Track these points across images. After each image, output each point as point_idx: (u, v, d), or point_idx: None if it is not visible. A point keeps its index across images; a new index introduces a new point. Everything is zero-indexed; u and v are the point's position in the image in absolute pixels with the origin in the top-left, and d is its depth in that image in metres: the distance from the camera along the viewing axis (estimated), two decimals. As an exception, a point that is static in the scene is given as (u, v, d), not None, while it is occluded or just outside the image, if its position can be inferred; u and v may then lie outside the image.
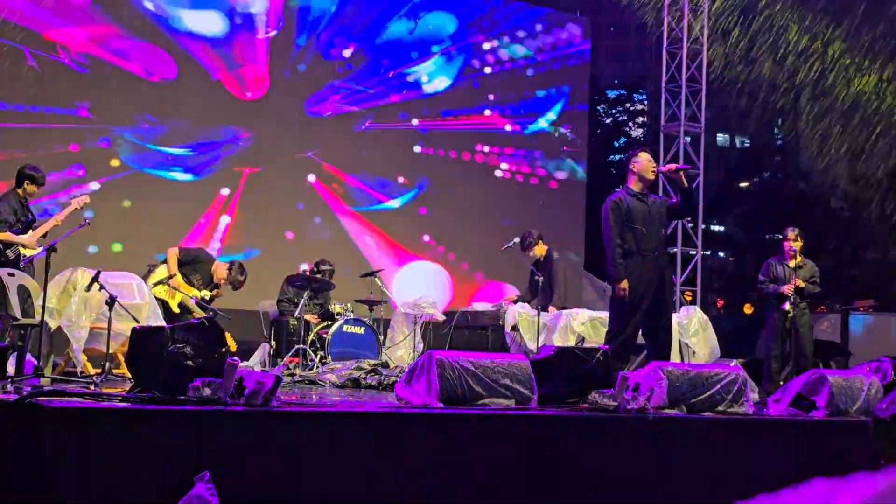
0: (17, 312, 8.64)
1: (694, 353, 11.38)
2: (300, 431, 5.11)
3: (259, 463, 4.91)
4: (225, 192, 15.49)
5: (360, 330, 11.29)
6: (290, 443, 5.04)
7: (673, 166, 8.84)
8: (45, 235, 9.64)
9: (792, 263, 10.89)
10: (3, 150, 13.46)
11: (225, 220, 15.42)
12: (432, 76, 17.73)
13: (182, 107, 15.30)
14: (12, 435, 4.82)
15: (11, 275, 8.89)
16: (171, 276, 10.75)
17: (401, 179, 17.31)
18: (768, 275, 11.08)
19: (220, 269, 11.31)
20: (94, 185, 14.22)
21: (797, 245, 10.96)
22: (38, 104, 14.11)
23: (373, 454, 5.24)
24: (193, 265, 11.16)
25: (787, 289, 10.69)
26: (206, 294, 11.06)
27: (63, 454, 4.50)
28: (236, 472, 4.80)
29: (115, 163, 14.63)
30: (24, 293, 8.90)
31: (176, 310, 10.72)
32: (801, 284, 10.70)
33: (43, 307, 8.20)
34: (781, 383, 9.94)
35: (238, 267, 11.35)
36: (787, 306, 10.65)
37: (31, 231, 9.56)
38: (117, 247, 14.47)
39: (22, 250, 9.40)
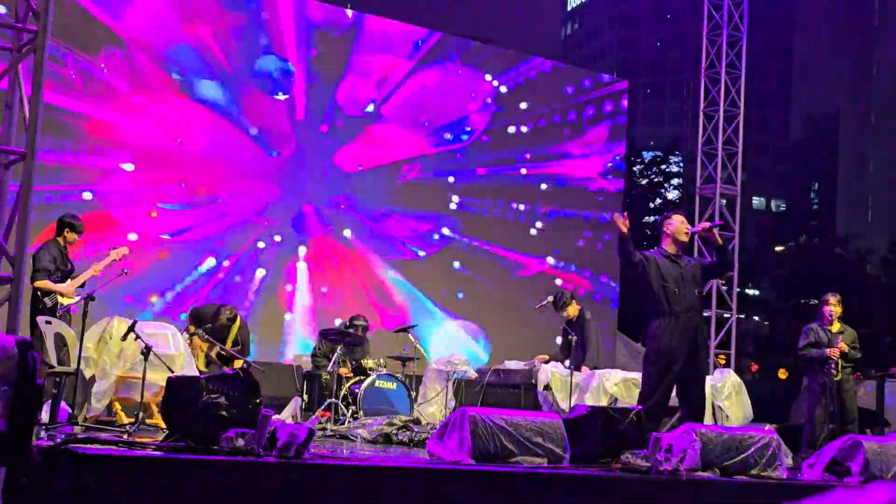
0: (53, 360, 8.68)
1: (727, 416, 11.26)
2: (332, 485, 5.11)
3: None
4: (261, 245, 15.60)
5: (392, 385, 11.26)
6: (322, 496, 5.04)
7: (706, 224, 8.83)
8: (83, 285, 9.69)
9: (833, 328, 10.73)
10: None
11: (260, 272, 15.51)
12: (470, 133, 17.83)
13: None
14: (46, 481, 4.84)
15: (48, 322, 8.95)
16: (192, 335, 10.61)
17: (435, 236, 17.37)
18: (810, 339, 10.84)
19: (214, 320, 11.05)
20: (133, 237, 14.33)
21: (837, 310, 10.79)
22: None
23: (403, 509, 5.23)
24: (200, 322, 11.00)
25: (833, 352, 10.45)
26: (213, 349, 10.71)
27: (96, 501, 4.52)
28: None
29: (153, 214, 14.75)
30: (60, 341, 8.94)
31: None
32: (846, 349, 10.50)
33: (79, 355, 8.26)
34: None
35: (228, 310, 11.07)
36: (835, 370, 10.46)
37: (69, 280, 9.62)
38: (154, 297, 14.55)
39: (60, 298, 9.44)
